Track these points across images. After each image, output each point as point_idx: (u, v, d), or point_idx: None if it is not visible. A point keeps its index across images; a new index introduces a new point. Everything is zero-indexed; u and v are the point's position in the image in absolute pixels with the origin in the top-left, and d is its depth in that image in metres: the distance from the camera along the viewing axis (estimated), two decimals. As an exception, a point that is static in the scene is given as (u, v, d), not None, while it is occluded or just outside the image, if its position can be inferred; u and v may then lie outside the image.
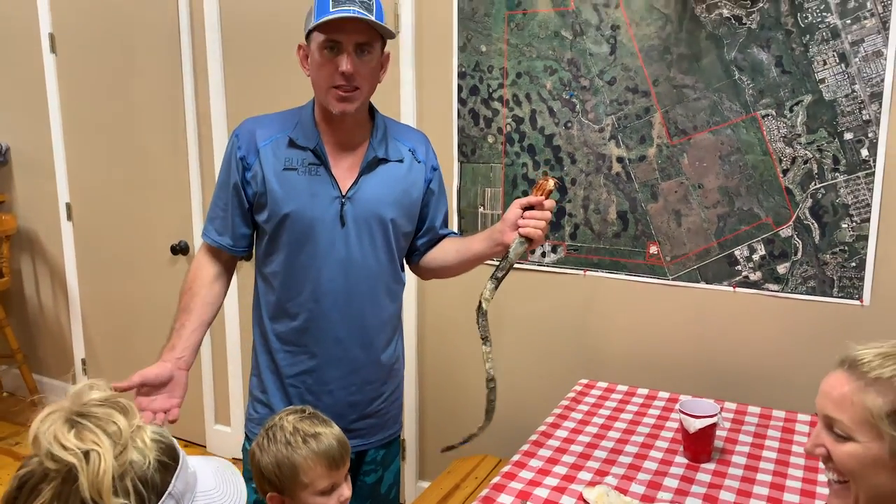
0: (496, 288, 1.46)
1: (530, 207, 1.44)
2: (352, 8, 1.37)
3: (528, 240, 1.43)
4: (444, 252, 1.65)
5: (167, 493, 0.80)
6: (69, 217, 3.31)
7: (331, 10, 1.37)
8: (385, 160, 1.54)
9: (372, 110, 1.56)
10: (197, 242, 2.93)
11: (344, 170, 1.51)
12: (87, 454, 0.75)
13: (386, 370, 1.63)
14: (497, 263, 1.47)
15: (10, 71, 3.36)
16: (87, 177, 3.23)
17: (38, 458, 0.78)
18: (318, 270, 1.51)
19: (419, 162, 1.60)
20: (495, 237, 1.49)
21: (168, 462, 0.81)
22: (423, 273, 1.72)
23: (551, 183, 1.43)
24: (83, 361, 3.45)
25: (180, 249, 2.96)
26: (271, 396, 1.58)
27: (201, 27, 2.74)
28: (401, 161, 1.56)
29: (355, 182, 1.51)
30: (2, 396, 3.69)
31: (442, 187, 1.66)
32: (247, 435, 1.63)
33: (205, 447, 3.12)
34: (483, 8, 2.21)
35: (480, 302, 1.46)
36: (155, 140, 2.98)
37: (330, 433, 1.22)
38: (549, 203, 1.44)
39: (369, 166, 1.52)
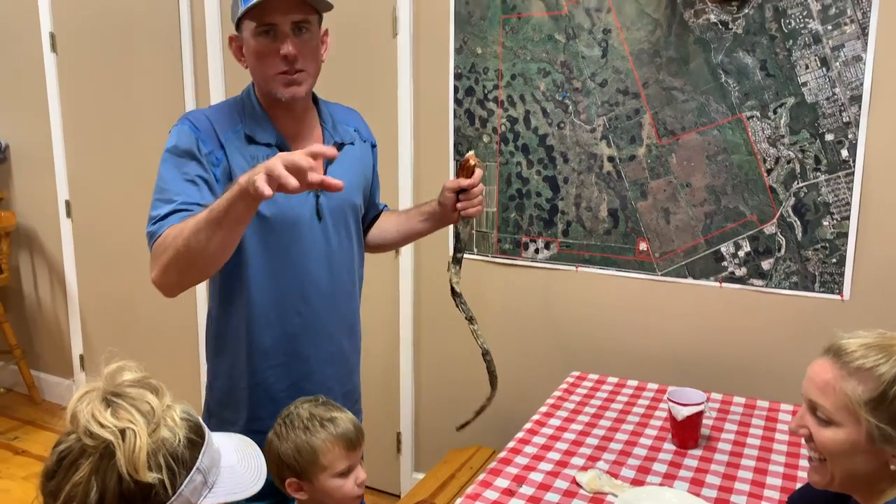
0: (460, 268, 1.56)
1: (462, 188, 1.47)
2: None
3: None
4: (384, 231, 1.68)
5: (195, 467, 0.85)
6: (68, 214, 3.35)
7: None
8: (342, 144, 1.50)
9: (312, 94, 1.48)
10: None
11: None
12: (123, 432, 0.81)
13: (360, 354, 1.65)
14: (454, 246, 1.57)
15: (11, 70, 3.39)
16: (87, 174, 3.26)
17: (76, 434, 0.83)
18: (304, 269, 1.44)
19: (364, 141, 1.59)
20: (438, 218, 1.57)
21: (195, 439, 0.87)
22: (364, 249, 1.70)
23: (471, 160, 1.46)
24: (81, 358, 3.48)
25: (179, 246, 3.01)
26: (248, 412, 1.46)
27: (202, 26, 2.79)
28: (352, 143, 1.54)
29: (325, 173, 1.42)
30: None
31: (377, 162, 1.67)
32: None
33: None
34: (479, 11, 2.28)
35: (452, 287, 1.55)
36: (155, 138, 3.01)
37: (345, 417, 1.29)
38: (477, 177, 1.47)
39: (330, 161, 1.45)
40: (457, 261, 1.55)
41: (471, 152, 1.48)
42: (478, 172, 1.47)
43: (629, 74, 2.11)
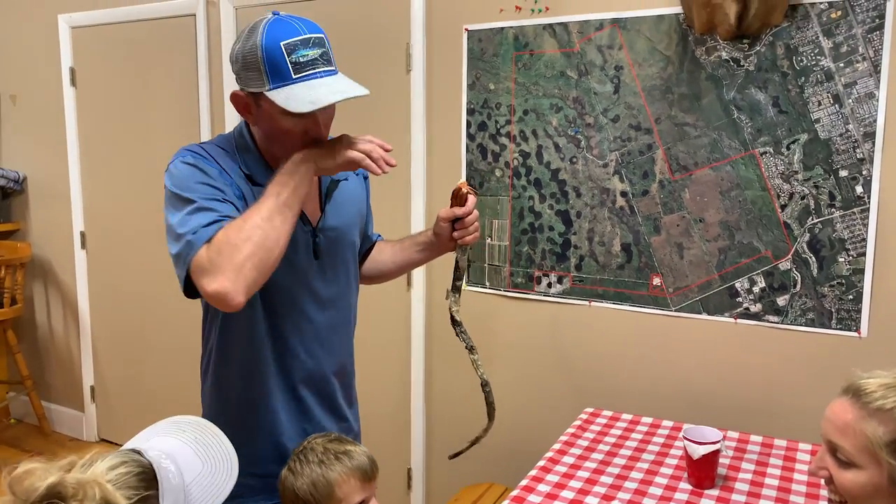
0: (459, 296, 1.54)
1: (457, 217, 1.46)
2: (318, 70, 1.22)
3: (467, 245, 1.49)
4: (379, 262, 1.65)
5: None
6: (83, 246, 3.38)
7: (293, 76, 1.20)
8: (337, 181, 1.46)
9: None
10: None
11: (308, 202, 1.40)
12: None
13: (352, 389, 1.59)
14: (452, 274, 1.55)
15: (31, 103, 3.46)
16: (102, 206, 3.30)
17: None
18: (301, 311, 1.40)
19: (357, 174, 1.55)
20: (434, 248, 1.55)
21: (145, 493, 0.80)
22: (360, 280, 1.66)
23: (463, 188, 1.45)
24: (92, 389, 3.48)
25: (192, 278, 3.02)
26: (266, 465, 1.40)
27: (219, 62, 2.84)
28: (346, 179, 1.50)
29: (322, 213, 1.43)
30: (10, 423, 3.72)
31: (369, 193, 1.63)
32: None
33: None
34: (492, 48, 2.31)
35: (451, 315, 1.52)
36: (170, 171, 3.06)
37: (359, 449, 1.28)
38: (470, 204, 1.46)
39: (328, 192, 1.44)
40: (456, 289, 1.52)
41: (462, 180, 1.46)
42: (471, 199, 1.45)
43: (641, 110, 2.12)
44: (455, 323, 1.53)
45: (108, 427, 3.49)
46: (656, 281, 2.17)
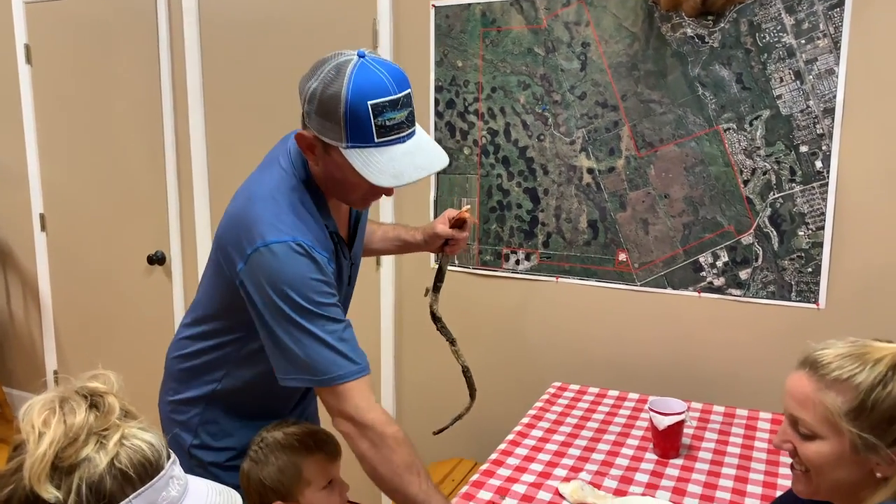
0: (438, 295, 1.69)
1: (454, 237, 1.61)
2: (402, 135, 1.15)
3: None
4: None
5: None
6: (43, 228, 3.30)
7: (376, 140, 1.12)
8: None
9: None
10: (175, 252, 2.95)
11: (343, 230, 1.39)
12: (40, 436, 0.74)
13: None
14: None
15: (-16, 81, 3.34)
16: (62, 187, 3.22)
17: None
18: None
19: None
20: (417, 249, 1.70)
21: (132, 476, 0.76)
22: None
23: (469, 220, 1.63)
24: (55, 373, 3.42)
25: (157, 259, 2.97)
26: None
27: (180, 37, 2.78)
28: None
29: (353, 241, 1.41)
30: (-30, 410, 3.64)
31: None
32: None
33: None
34: (459, 25, 2.29)
35: (432, 312, 1.67)
36: (132, 150, 3.00)
37: (320, 430, 1.28)
38: (468, 227, 1.63)
39: (356, 216, 1.44)
40: (437, 289, 1.66)
41: (467, 206, 1.62)
42: (468, 223, 1.60)
43: (608, 87, 2.13)
44: (436, 319, 1.65)
45: (73, 412, 3.43)
46: (622, 256, 2.20)
